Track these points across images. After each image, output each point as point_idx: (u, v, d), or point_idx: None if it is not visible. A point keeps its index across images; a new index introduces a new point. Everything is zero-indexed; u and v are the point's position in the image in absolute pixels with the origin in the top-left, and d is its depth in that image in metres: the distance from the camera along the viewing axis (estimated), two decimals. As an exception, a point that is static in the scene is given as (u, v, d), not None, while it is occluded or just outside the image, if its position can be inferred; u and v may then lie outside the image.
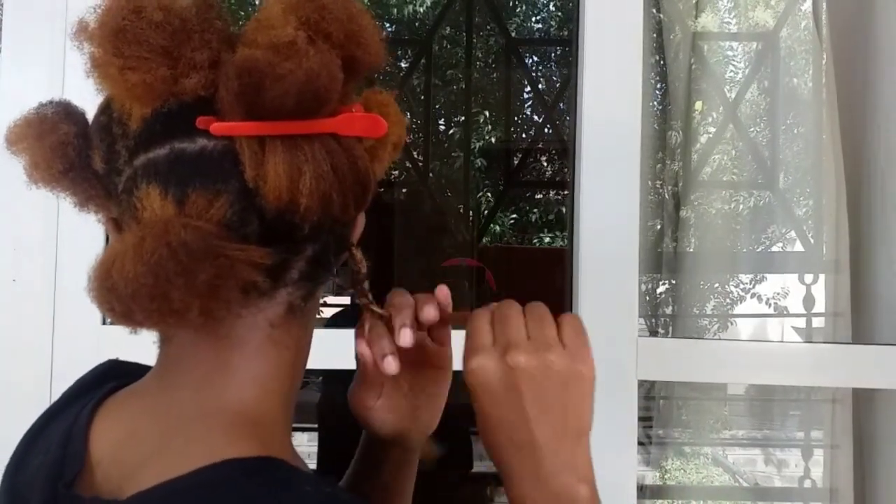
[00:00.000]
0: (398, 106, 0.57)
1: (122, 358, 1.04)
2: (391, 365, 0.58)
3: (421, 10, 5.66)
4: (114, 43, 0.46)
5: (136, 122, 0.48)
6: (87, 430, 0.52)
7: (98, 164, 0.51)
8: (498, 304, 0.56)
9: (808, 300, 1.62)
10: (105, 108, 0.50)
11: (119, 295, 0.43)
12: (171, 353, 0.53)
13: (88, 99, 0.55)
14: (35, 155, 0.51)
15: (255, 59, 0.45)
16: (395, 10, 5.62)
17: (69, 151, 0.51)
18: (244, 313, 0.50)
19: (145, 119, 0.47)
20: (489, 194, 5.27)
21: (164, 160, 0.47)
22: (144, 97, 0.47)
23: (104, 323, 1.10)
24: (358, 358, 0.63)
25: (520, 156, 4.17)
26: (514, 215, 6.36)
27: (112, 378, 0.58)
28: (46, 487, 0.50)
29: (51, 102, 0.53)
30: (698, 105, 1.71)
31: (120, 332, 1.21)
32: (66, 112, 0.52)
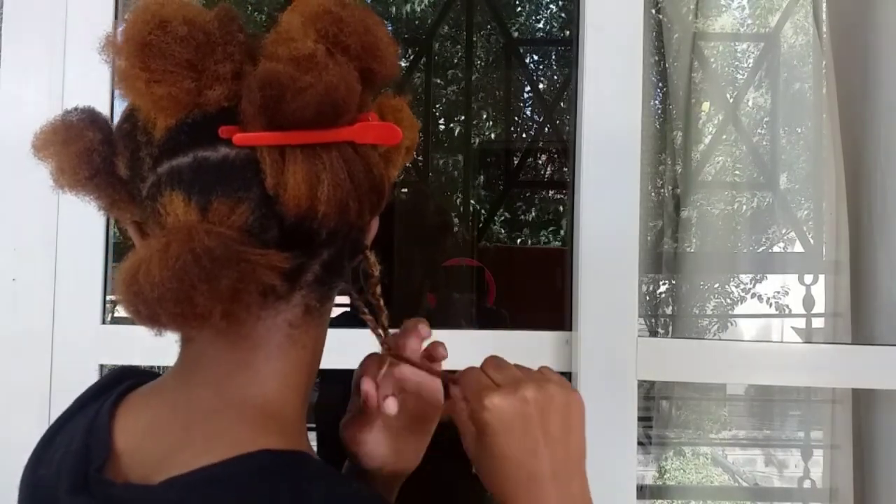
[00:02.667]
0: (410, 110, 0.58)
1: (122, 358, 1.04)
2: (391, 406, 0.61)
3: (419, 9, 5.65)
4: (140, 57, 0.47)
5: (160, 131, 0.49)
6: (109, 422, 0.54)
7: (122, 170, 0.52)
8: (486, 360, 0.59)
9: (808, 301, 1.62)
10: (129, 116, 0.52)
11: (145, 299, 0.45)
12: (192, 353, 0.54)
13: (88, 101, 0.56)
14: (61, 161, 0.52)
15: (277, 72, 0.47)
16: (394, 9, 5.62)
17: (94, 158, 0.52)
18: (263, 315, 0.51)
19: (169, 128, 0.49)
20: (489, 194, 5.27)
21: (187, 168, 0.48)
22: (170, 108, 0.48)
23: (104, 323, 1.10)
24: (356, 392, 0.65)
25: (520, 156, 4.16)
26: (508, 213, 6.36)
27: (128, 377, 0.60)
28: (76, 472, 0.51)
29: (76, 109, 0.54)
30: (705, 106, 1.71)
31: (119, 332, 1.22)
32: (91, 119, 0.53)
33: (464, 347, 1.15)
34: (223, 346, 0.52)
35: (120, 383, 0.59)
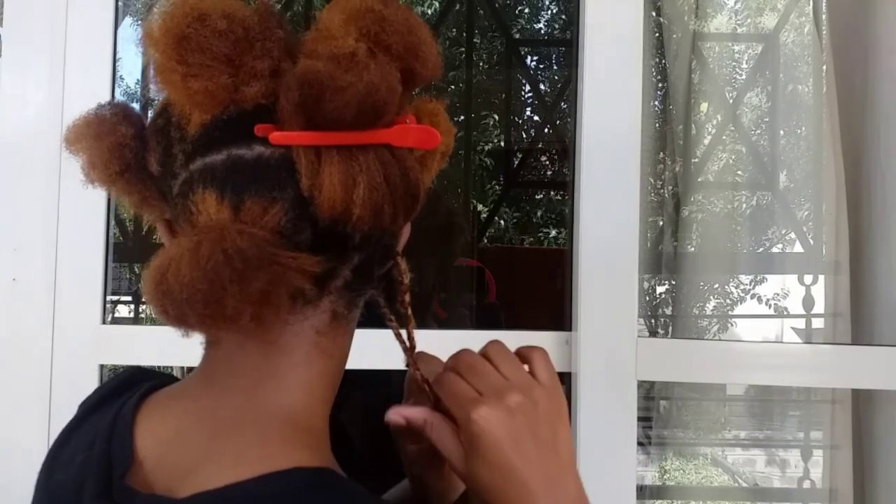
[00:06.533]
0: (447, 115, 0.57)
1: (121, 358, 1.03)
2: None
3: (429, 11, 5.69)
4: (178, 50, 0.46)
5: (194, 126, 0.48)
6: (131, 426, 0.52)
7: (153, 167, 0.51)
8: (455, 359, 0.56)
9: (808, 301, 1.62)
10: (162, 112, 0.51)
11: (174, 299, 0.44)
12: (218, 357, 0.53)
13: (88, 101, 0.56)
14: (93, 155, 0.52)
15: (317, 70, 0.45)
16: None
17: (126, 153, 0.51)
18: (291, 320, 0.50)
19: (204, 124, 0.48)
20: (489, 194, 5.27)
21: (220, 166, 0.47)
22: (205, 104, 0.47)
23: (104, 323, 1.10)
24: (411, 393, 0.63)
25: (520, 156, 4.16)
26: (511, 209, 6.36)
27: (145, 379, 0.59)
28: (99, 478, 0.50)
29: (109, 104, 0.53)
30: (703, 106, 1.71)
31: (119, 332, 1.22)
32: (124, 114, 0.53)
33: (464, 347, 1.15)
34: (251, 351, 0.51)
35: (137, 384, 0.57)
